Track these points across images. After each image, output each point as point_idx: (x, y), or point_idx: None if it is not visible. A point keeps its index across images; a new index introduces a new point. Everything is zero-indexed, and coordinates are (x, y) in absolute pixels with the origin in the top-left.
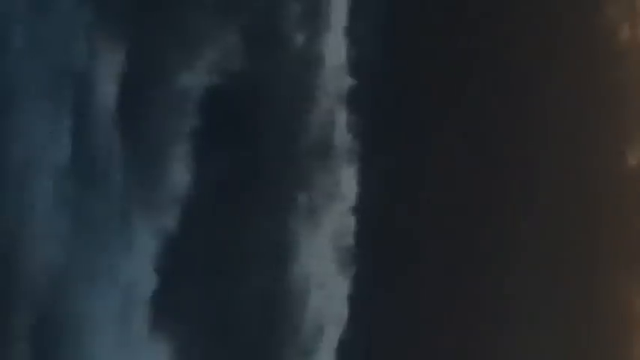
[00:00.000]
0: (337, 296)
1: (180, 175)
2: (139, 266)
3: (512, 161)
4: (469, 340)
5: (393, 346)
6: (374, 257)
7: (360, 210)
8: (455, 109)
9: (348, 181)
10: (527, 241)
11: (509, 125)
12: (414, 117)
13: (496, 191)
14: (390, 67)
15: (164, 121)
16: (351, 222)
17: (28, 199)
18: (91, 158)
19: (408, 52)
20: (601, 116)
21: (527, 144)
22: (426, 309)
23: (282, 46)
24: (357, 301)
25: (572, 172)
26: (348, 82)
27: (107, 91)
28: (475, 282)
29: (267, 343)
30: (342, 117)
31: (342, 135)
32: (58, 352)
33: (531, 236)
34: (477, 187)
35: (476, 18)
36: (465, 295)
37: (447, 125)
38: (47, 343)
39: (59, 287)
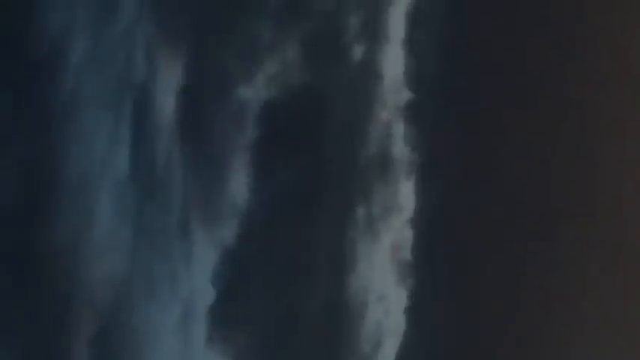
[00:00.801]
0: (395, 308)
1: (239, 187)
2: (198, 277)
3: (575, 173)
4: (528, 353)
5: (451, 358)
6: (432, 269)
7: (418, 222)
8: (514, 121)
9: (406, 194)
10: (586, 254)
11: (572, 139)
12: (472, 129)
13: (556, 204)
14: (448, 79)
15: (223, 133)
16: (409, 234)
17: (89, 210)
18: (151, 170)
19: (465, 64)
20: None
21: (590, 155)
22: (484, 321)
23: (340, 59)
24: (415, 313)
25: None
26: (406, 94)
27: (166, 103)
28: (534, 295)
29: (325, 355)
30: (400, 129)
31: (401, 147)
32: None
33: (592, 249)
34: (537, 199)
35: (535, 31)
36: (524, 307)
37: (506, 137)
38: (108, 353)
39: (120, 297)
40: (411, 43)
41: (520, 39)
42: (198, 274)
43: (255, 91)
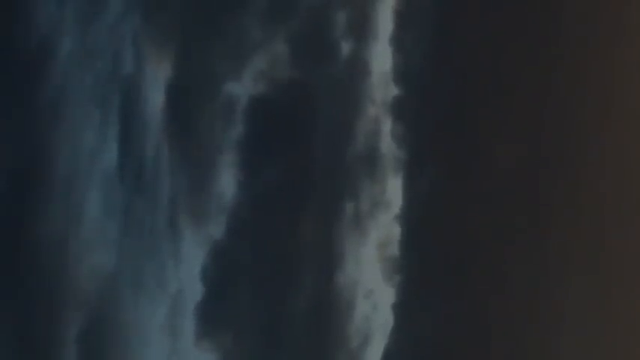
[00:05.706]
0: (383, 304)
1: (227, 183)
2: (186, 273)
3: (562, 171)
4: (515, 348)
5: (438, 355)
6: (420, 265)
7: (406, 218)
8: (501, 118)
9: (393, 190)
10: (573, 251)
11: (560, 136)
12: (459, 125)
13: (543, 201)
14: (436, 75)
15: (211, 129)
16: (397, 230)
17: (77, 207)
18: (139, 166)
19: (453, 60)
20: None
21: (578, 153)
22: (471, 317)
23: (328, 55)
24: (403, 309)
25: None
26: (394, 90)
27: (154, 99)
28: (520, 291)
29: (313, 352)
30: (387, 125)
31: (388, 144)
32: (106, 359)
33: (580, 246)
34: (524, 196)
35: (522, 28)
36: (511, 303)
37: (493, 133)
38: (96, 348)
39: (107, 293)
40: (399, 40)
41: (508, 35)
42: (186, 270)
43: (243, 87)
